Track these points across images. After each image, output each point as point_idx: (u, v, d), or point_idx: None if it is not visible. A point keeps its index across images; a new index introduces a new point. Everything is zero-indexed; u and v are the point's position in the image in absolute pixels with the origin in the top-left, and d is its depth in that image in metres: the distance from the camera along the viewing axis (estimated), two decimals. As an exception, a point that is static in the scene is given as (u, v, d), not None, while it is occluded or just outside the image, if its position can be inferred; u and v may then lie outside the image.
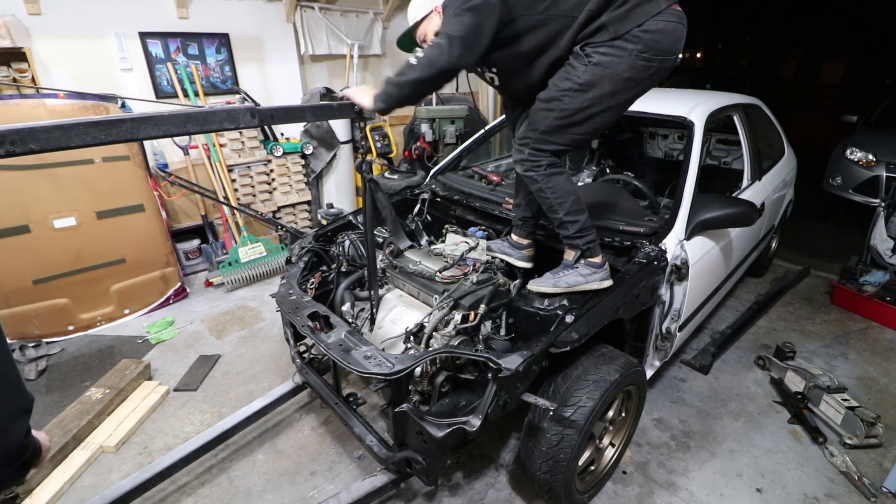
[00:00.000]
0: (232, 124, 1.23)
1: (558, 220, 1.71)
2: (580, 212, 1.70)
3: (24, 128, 0.92)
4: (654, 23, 1.41)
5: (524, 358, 1.45)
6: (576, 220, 1.70)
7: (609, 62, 1.45)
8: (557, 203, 1.67)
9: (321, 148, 4.26)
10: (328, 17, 4.59)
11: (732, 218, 2.08)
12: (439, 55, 1.42)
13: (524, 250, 2.06)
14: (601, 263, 1.76)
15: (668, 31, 1.44)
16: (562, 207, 1.67)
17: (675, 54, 1.49)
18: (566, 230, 1.72)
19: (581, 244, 1.72)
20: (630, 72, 1.45)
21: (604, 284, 1.74)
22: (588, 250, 1.73)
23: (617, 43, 1.43)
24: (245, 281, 3.76)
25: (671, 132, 3.95)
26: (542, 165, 1.63)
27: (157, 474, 1.82)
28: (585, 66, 1.47)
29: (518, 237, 2.08)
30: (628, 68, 1.44)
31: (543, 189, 1.66)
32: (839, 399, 2.31)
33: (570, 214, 1.69)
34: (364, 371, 1.49)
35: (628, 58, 1.43)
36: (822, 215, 5.30)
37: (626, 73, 1.45)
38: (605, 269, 1.76)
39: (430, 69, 1.44)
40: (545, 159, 1.62)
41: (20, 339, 2.91)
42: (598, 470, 1.97)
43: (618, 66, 1.44)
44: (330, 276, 2.29)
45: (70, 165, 2.97)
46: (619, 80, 1.46)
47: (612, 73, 1.45)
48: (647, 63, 1.45)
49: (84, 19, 3.39)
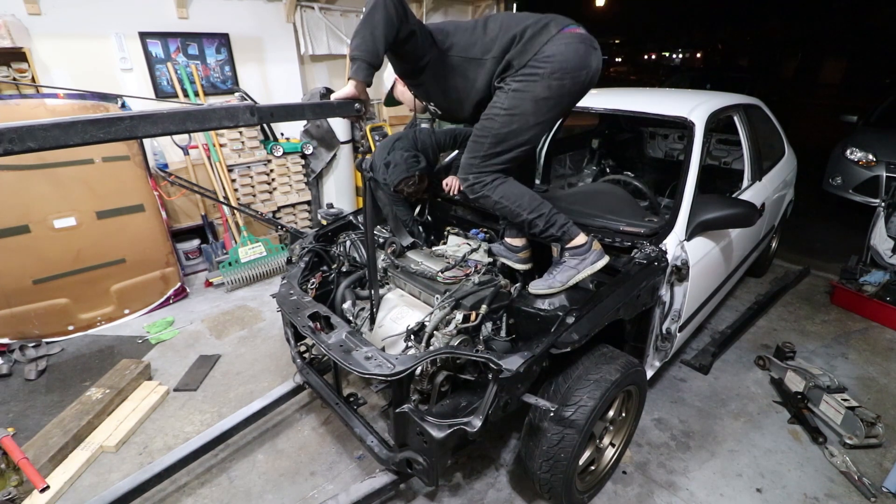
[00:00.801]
0: (231, 122, 1.22)
1: (525, 220, 1.77)
2: (541, 205, 1.77)
3: (23, 126, 0.91)
4: (549, 48, 1.57)
5: (525, 359, 1.45)
6: (540, 214, 1.76)
7: (525, 87, 1.60)
8: (516, 206, 1.75)
9: (321, 148, 4.25)
10: (328, 17, 4.59)
11: (733, 219, 2.08)
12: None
13: (520, 252, 2.08)
14: (587, 245, 1.80)
15: (568, 52, 1.58)
16: (522, 209, 1.75)
17: (587, 69, 1.63)
18: (536, 227, 1.78)
19: (555, 232, 1.78)
20: (547, 92, 1.60)
21: (598, 266, 1.79)
22: (565, 234, 1.79)
23: (525, 71, 1.59)
24: (245, 281, 3.76)
25: (671, 132, 3.95)
26: (487, 182, 1.73)
27: (156, 474, 1.82)
28: (506, 94, 1.63)
29: (511, 238, 2.09)
30: (544, 89, 1.60)
31: (498, 201, 1.75)
32: (839, 399, 2.31)
33: (533, 211, 1.75)
34: (365, 372, 1.49)
35: (541, 80, 1.58)
36: (822, 215, 5.31)
37: (543, 93, 1.60)
38: (595, 249, 1.81)
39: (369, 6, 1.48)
40: (489, 176, 1.73)
41: (20, 339, 2.91)
42: (598, 470, 1.97)
43: (535, 89, 1.60)
44: (330, 276, 2.29)
45: (70, 165, 2.97)
46: (538, 101, 1.61)
47: (532, 96, 1.60)
48: (560, 82, 1.59)
49: (84, 19, 3.39)
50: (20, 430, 2.30)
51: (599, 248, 1.83)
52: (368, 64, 1.48)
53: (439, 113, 1.91)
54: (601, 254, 1.82)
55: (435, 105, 1.87)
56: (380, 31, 1.45)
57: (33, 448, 2.10)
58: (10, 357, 2.80)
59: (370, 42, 1.45)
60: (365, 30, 1.45)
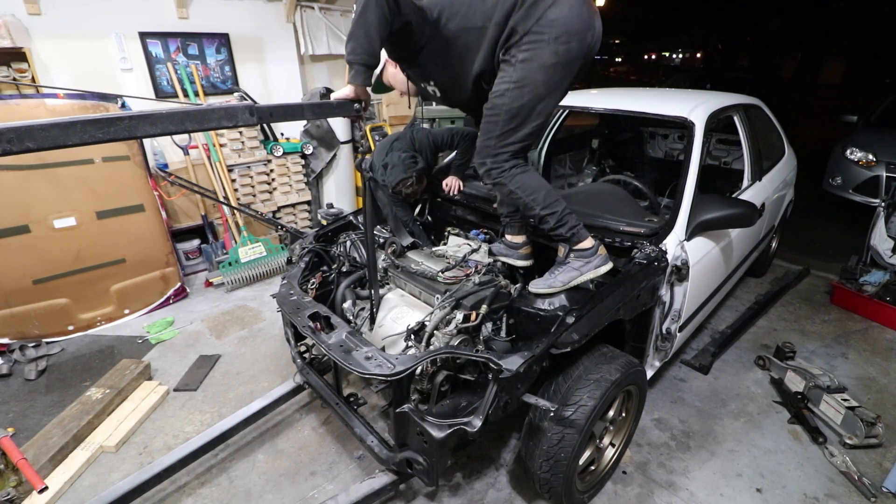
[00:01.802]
0: (230, 122, 1.22)
1: (536, 216, 1.75)
2: (555, 203, 1.74)
3: (21, 126, 0.91)
4: (552, 12, 1.52)
5: (525, 359, 1.45)
6: (553, 212, 1.73)
7: (532, 55, 1.55)
8: (531, 200, 1.71)
9: (321, 148, 4.25)
10: (328, 17, 4.59)
11: (733, 219, 2.08)
12: None
13: (521, 249, 2.07)
14: (593, 248, 1.78)
15: (572, 14, 1.54)
16: (536, 203, 1.72)
17: (591, 31, 1.59)
18: (547, 224, 1.76)
19: (564, 232, 1.76)
20: (554, 57, 1.55)
21: (601, 271, 1.77)
22: (574, 236, 1.77)
23: (531, 37, 1.54)
24: (245, 281, 3.76)
25: (671, 132, 3.95)
26: (506, 169, 1.69)
27: (156, 474, 1.82)
28: (513, 66, 1.58)
29: (511, 236, 2.09)
30: (552, 55, 1.55)
31: (514, 191, 1.71)
32: (839, 399, 2.31)
33: (547, 208, 1.73)
34: (365, 372, 1.49)
35: (548, 45, 1.53)
36: (822, 215, 5.30)
37: (550, 59, 1.55)
38: (601, 254, 1.79)
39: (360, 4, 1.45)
40: (507, 163, 1.68)
41: (20, 339, 2.91)
42: (598, 470, 1.97)
43: (542, 56, 1.55)
44: (330, 276, 2.29)
45: (70, 165, 2.97)
46: (547, 68, 1.56)
47: (539, 64, 1.55)
48: (566, 46, 1.54)
49: (84, 19, 3.39)
50: (20, 430, 2.30)
51: (605, 254, 1.81)
52: (366, 66, 1.47)
53: (438, 94, 1.85)
54: (606, 259, 1.80)
55: (434, 84, 1.80)
56: (374, 31, 1.42)
57: (33, 448, 2.10)
58: (10, 357, 2.80)
59: (365, 43, 1.43)
60: (359, 30, 1.43)
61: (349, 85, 1.51)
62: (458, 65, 1.69)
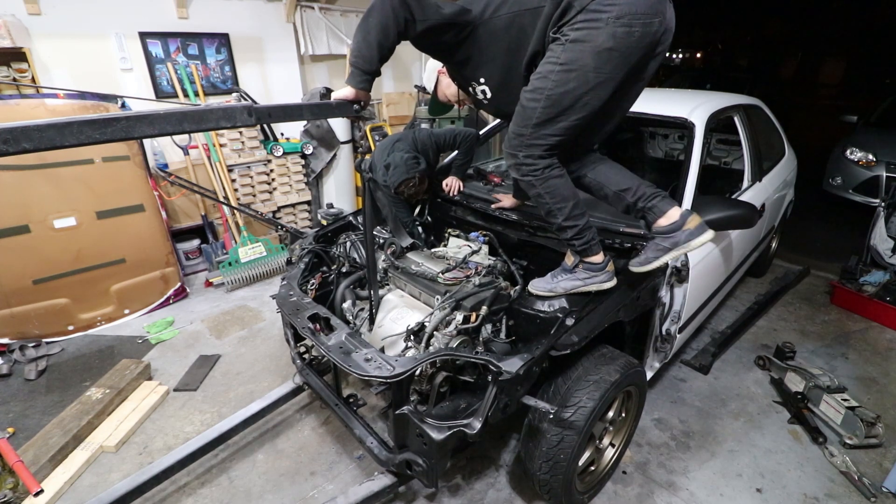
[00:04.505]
0: (229, 123, 1.21)
1: (556, 224, 1.67)
2: (580, 216, 1.64)
3: (18, 126, 0.90)
4: None
5: (524, 361, 1.45)
6: (574, 225, 1.64)
7: (586, 35, 1.36)
8: (557, 209, 1.60)
9: (321, 148, 4.25)
10: (328, 17, 4.59)
11: (733, 220, 2.07)
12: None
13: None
14: (602, 264, 1.71)
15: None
16: (560, 213, 1.61)
17: (659, 16, 1.38)
18: (563, 233, 1.68)
19: (578, 245, 1.68)
20: (611, 41, 1.35)
21: (605, 286, 1.70)
22: (586, 250, 1.69)
23: (587, 15, 1.35)
24: (245, 281, 3.76)
25: (672, 132, 3.94)
26: (539, 168, 1.53)
27: (156, 475, 1.82)
28: (563, 45, 1.39)
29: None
30: (609, 38, 1.35)
31: (542, 194, 1.58)
32: (839, 399, 2.31)
33: (568, 219, 1.62)
34: (364, 374, 1.48)
35: (605, 27, 1.34)
36: (822, 215, 5.30)
37: (606, 43, 1.35)
38: (608, 270, 1.71)
39: (368, 8, 1.42)
40: (542, 160, 1.53)
41: (20, 339, 2.91)
42: (598, 470, 1.97)
43: (597, 38, 1.35)
44: (330, 276, 2.28)
45: (70, 165, 2.97)
46: (601, 53, 1.37)
47: (592, 46, 1.36)
48: (627, 29, 1.35)
49: (84, 19, 3.39)
50: (20, 430, 2.30)
51: (612, 270, 1.73)
52: (362, 71, 1.44)
53: (488, 96, 1.72)
54: (611, 276, 1.72)
55: (484, 83, 1.67)
56: (373, 37, 1.38)
57: (33, 448, 2.10)
58: (10, 357, 2.80)
59: (364, 48, 1.41)
60: (359, 34, 1.42)
61: (348, 86, 1.50)
62: (510, 55, 1.54)
